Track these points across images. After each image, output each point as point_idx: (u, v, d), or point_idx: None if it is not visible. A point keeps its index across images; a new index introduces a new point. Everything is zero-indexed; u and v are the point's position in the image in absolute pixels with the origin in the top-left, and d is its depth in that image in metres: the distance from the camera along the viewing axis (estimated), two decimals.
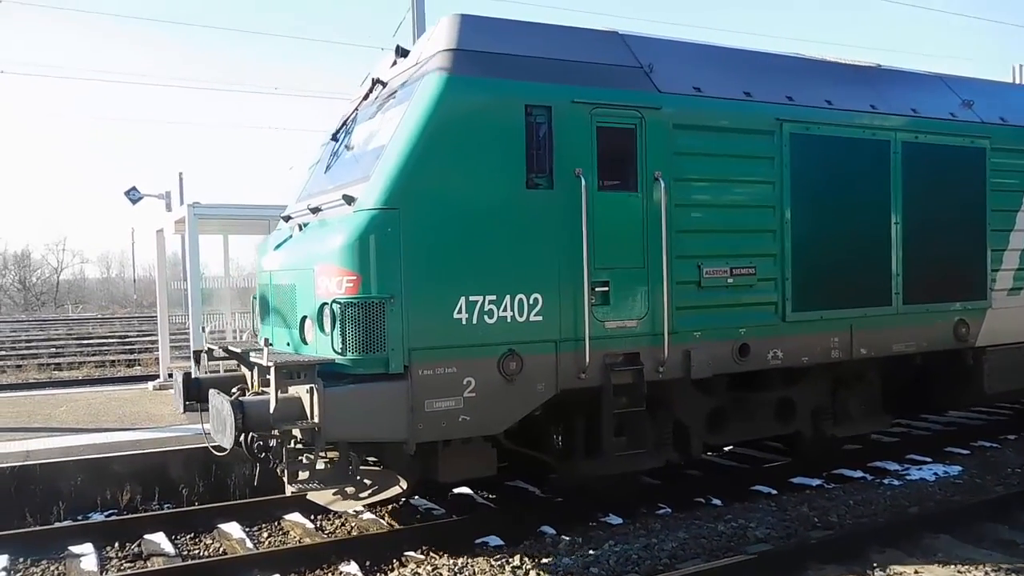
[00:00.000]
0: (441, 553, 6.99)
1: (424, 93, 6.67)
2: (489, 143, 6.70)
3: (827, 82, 8.94)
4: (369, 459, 7.16)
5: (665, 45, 8.13)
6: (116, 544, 7.54)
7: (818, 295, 8.44)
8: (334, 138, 8.25)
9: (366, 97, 7.98)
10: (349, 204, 6.62)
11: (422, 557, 6.96)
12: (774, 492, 8.68)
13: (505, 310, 6.76)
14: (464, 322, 6.59)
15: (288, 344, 7.31)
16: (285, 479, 6.30)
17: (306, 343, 6.85)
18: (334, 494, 7.10)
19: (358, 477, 6.93)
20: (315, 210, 7.33)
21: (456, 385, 6.56)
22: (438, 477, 6.96)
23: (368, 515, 8.06)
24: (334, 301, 6.35)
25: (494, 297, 6.71)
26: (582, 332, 7.01)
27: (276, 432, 6.15)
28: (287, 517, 8.10)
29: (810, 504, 8.14)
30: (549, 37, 7.42)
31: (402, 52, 7.74)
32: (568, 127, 7.04)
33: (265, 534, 7.84)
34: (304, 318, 6.86)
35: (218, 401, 6.29)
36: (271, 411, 6.06)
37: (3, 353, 24.91)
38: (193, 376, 7.70)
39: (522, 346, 6.82)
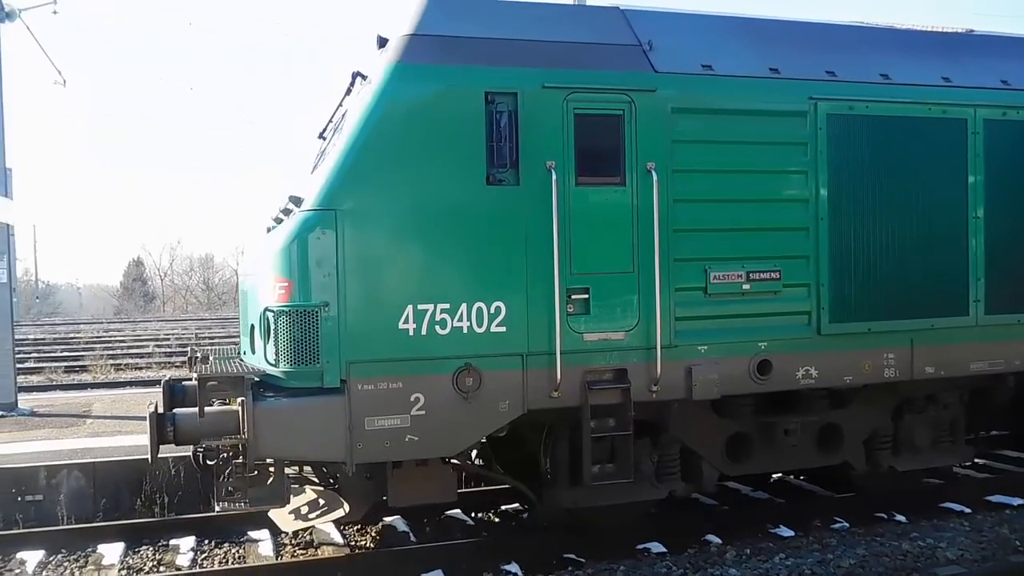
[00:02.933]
0: (601, 558, 6.73)
1: (371, 86, 6.15)
2: (440, 136, 6.07)
3: (885, 52, 7.60)
4: (330, 479, 6.72)
5: (673, 19, 7.14)
6: None
7: (865, 304, 7.17)
8: (321, 136, 7.89)
9: (348, 92, 7.55)
10: (297, 205, 6.21)
11: (583, 560, 6.79)
12: (967, 511, 7.87)
13: (460, 320, 6.11)
14: (412, 333, 6.00)
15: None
16: (213, 495, 5.97)
17: (254, 352, 6.51)
18: (290, 512, 6.71)
19: (312, 496, 6.50)
20: (285, 211, 6.98)
21: (402, 402, 5.98)
22: (388, 501, 6.41)
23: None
24: (267, 309, 5.95)
25: (447, 306, 6.08)
26: (554, 345, 6.23)
27: (202, 446, 5.82)
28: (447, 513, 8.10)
29: (1011, 525, 7.24)
30: (524, 16, 6.66)
31: (381, 42, 7.24)
32: (538, 115, 6.28)
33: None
34: (252, 326, 6.52)
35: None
36: (198, 424, 5.74)
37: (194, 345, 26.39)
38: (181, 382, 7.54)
39: (481, 360, 6.13)
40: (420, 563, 6.66)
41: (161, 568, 6.97)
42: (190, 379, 6.30)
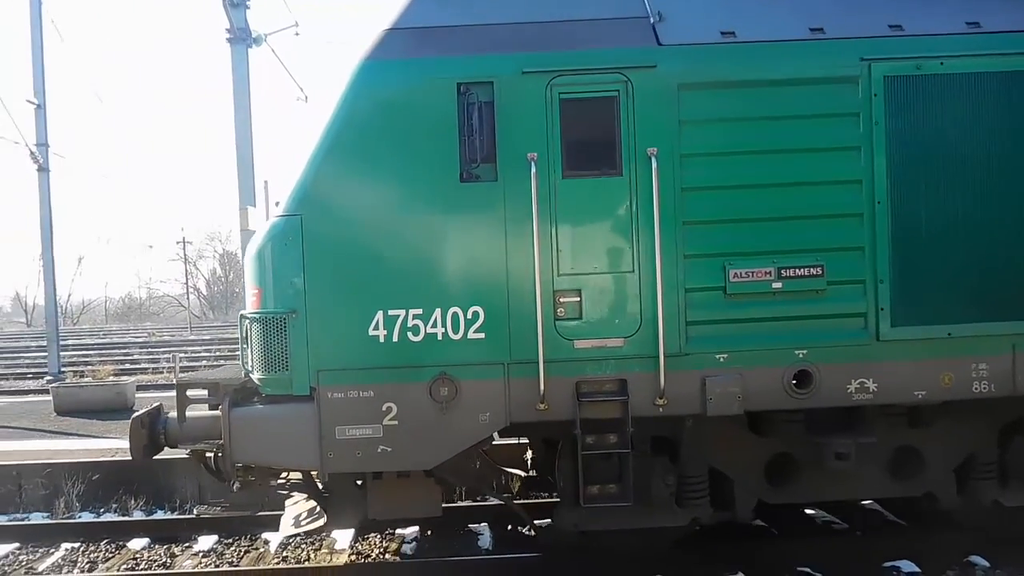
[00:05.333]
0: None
1: (342, 87, 5.97)
2: (410, 135, 5.75)
3: None
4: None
5: None
6: None
7: (943, 303, 5.91)
8: None
9: None
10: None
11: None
12: None
13: (434, 326, 5.77)
14: (382, 340, 5.76)
15: None
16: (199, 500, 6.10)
17: None
18: (292, 518, 6.69)
19: (312, 504, 6.46)
20: None
21: (373, 411, 5.76)
22: (368, 513, 6.20)
23: None
24: (242, 316, 5.99)
25: (419, 311, 5.76)
26: (538, 353, 5.71)
27: (186, 450, 5.97)
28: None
29: None
30: None
31: None
32: (517, 104, 5.78)
33: None
34: None
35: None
36: (179, 428, 5.90)
37: None
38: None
39: (457, 369, 5.76)
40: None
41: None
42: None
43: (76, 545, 7.86)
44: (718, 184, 5.85)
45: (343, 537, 7.64)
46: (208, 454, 5.97)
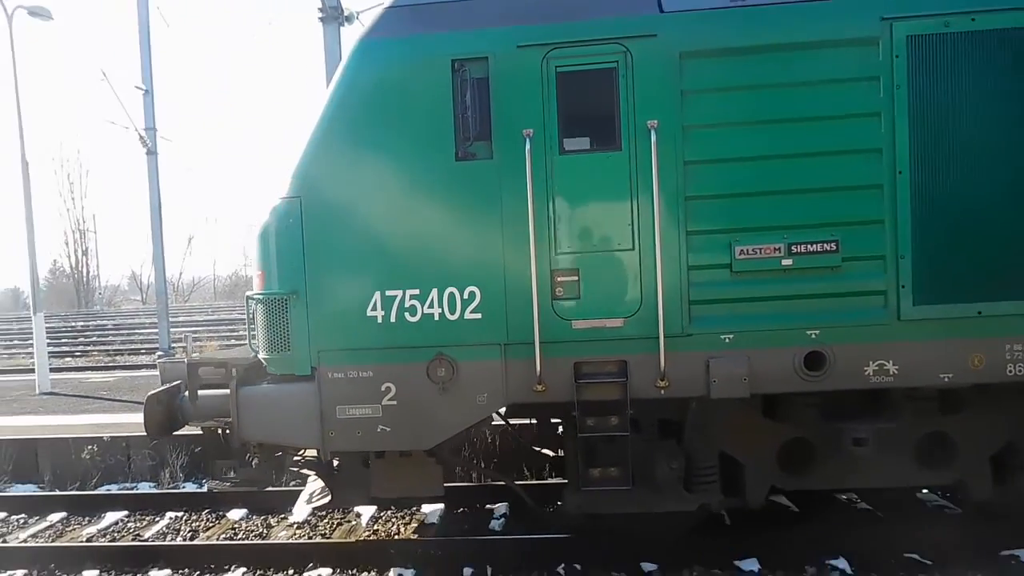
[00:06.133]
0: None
1: (340, 67, 5.97)
2: (404, 114, 5.70)
3: None
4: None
5: None
6: None
7: (971, 280, 5.50)
8: None
9: None
10: None
11: None
12: None
13: (431, 307, 5.75)
14: (380, 320, 5.78)
15: None
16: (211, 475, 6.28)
17: None
18: (308, 495, 6.82)
19: (320, 482, 6.58)
20: None
21: (373, 391, 5.80)
22: (370, 491, 6.25)
23: None
24: (248, 296, 6.11)
25: (416, 292, 5.75)
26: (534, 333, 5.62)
27: (199, 427, 6.16)
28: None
29: None
30: None
31: None
32: (513, 79, 5.65)
33: None
34: None
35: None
36: (192, 406, 6.09)
37: None
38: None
39: (455, 349, 5.73)
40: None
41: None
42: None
43: (179, 514, 8.29)
44: (723, 156, 5.58)
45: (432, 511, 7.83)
46: (219, 431, 6.15)
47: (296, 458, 6.54)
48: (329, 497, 6.39)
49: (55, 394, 14.62)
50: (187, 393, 6.20)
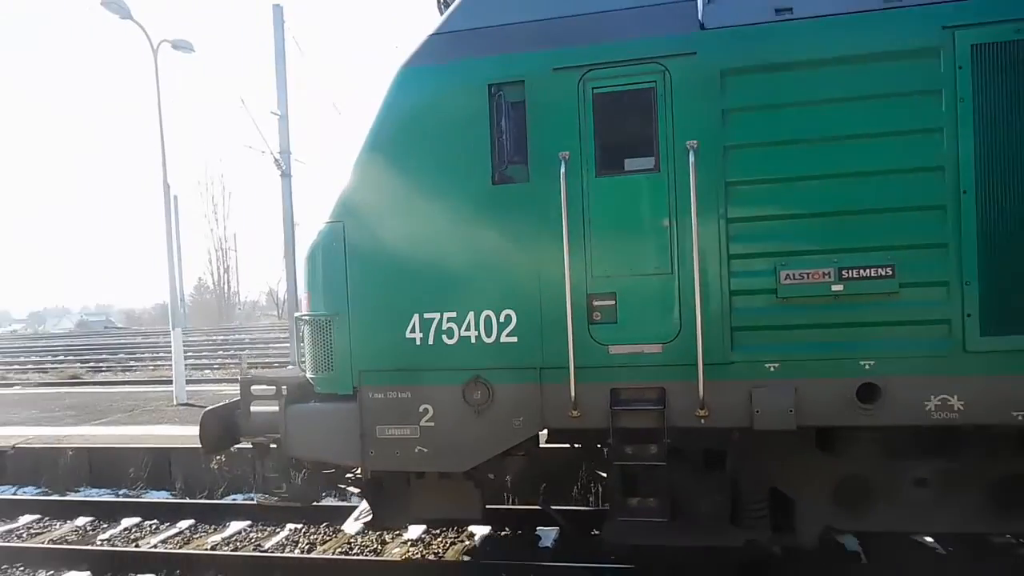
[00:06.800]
0: None
1: (381, 95, 6.09)
2: (443, 139, 5.75)
3: None
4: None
5: None
6: None
7: None
8: None
9: None
10: None
11: None
12: None
13: (468, 329, 5.76)
14: (418, 342, 5.84)
15: None
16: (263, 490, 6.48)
17: None
18: (358, 512, 6.93)
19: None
20: None
21: (411, 412, 5.86)
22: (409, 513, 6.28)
23: None
24: (296, 317, 6.30)
25: (453, 314, 5.78)
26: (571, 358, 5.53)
27: (250, 443, 6.39)
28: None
29: None
30: None
31: None
32: (548, 101, 5.61)
33: None
34: None
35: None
36: (245, 423, 6.34)
37: None
38: None
39: (491, 372, 5.71)
40: None
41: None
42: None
43: (298, 527, 8.47)
44: (768, 177, 5.33)
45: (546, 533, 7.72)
46: (271, 446, 6.36)
47: (347, 476, 6.68)
48: (371, 517, 6.48)
49: (191, 405, 15.31)
50: (240, 410, 6.47)
